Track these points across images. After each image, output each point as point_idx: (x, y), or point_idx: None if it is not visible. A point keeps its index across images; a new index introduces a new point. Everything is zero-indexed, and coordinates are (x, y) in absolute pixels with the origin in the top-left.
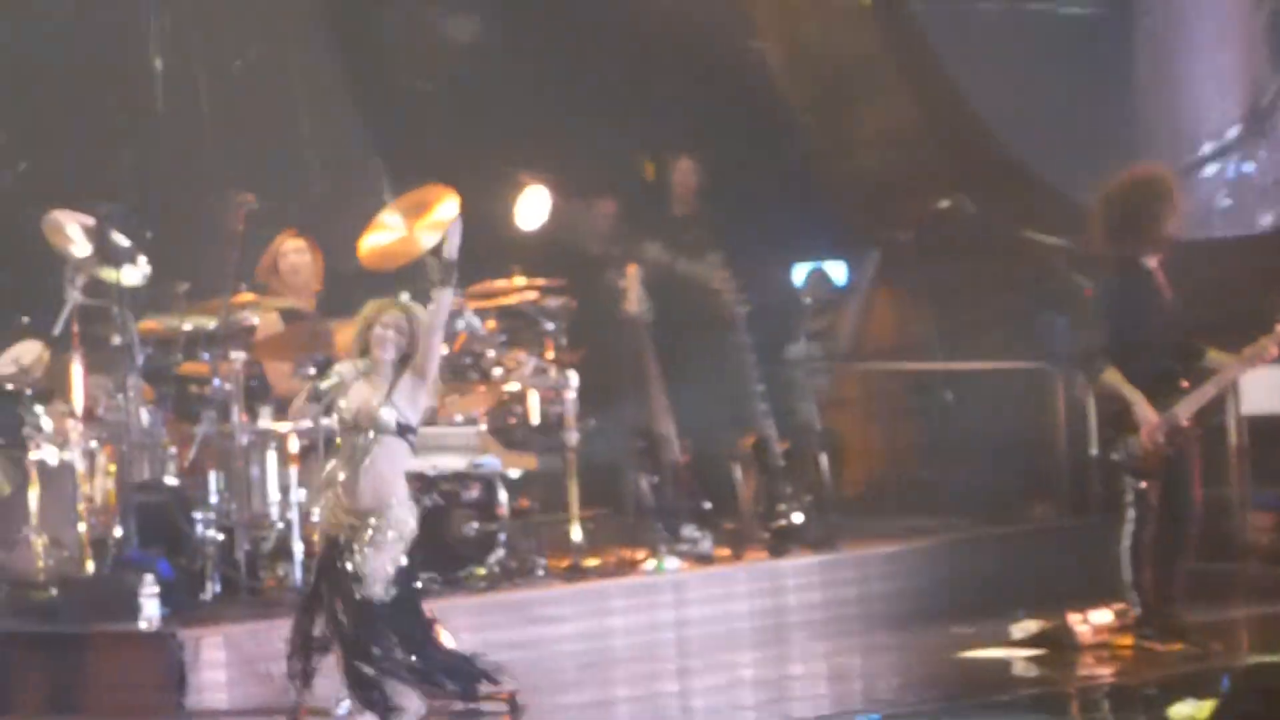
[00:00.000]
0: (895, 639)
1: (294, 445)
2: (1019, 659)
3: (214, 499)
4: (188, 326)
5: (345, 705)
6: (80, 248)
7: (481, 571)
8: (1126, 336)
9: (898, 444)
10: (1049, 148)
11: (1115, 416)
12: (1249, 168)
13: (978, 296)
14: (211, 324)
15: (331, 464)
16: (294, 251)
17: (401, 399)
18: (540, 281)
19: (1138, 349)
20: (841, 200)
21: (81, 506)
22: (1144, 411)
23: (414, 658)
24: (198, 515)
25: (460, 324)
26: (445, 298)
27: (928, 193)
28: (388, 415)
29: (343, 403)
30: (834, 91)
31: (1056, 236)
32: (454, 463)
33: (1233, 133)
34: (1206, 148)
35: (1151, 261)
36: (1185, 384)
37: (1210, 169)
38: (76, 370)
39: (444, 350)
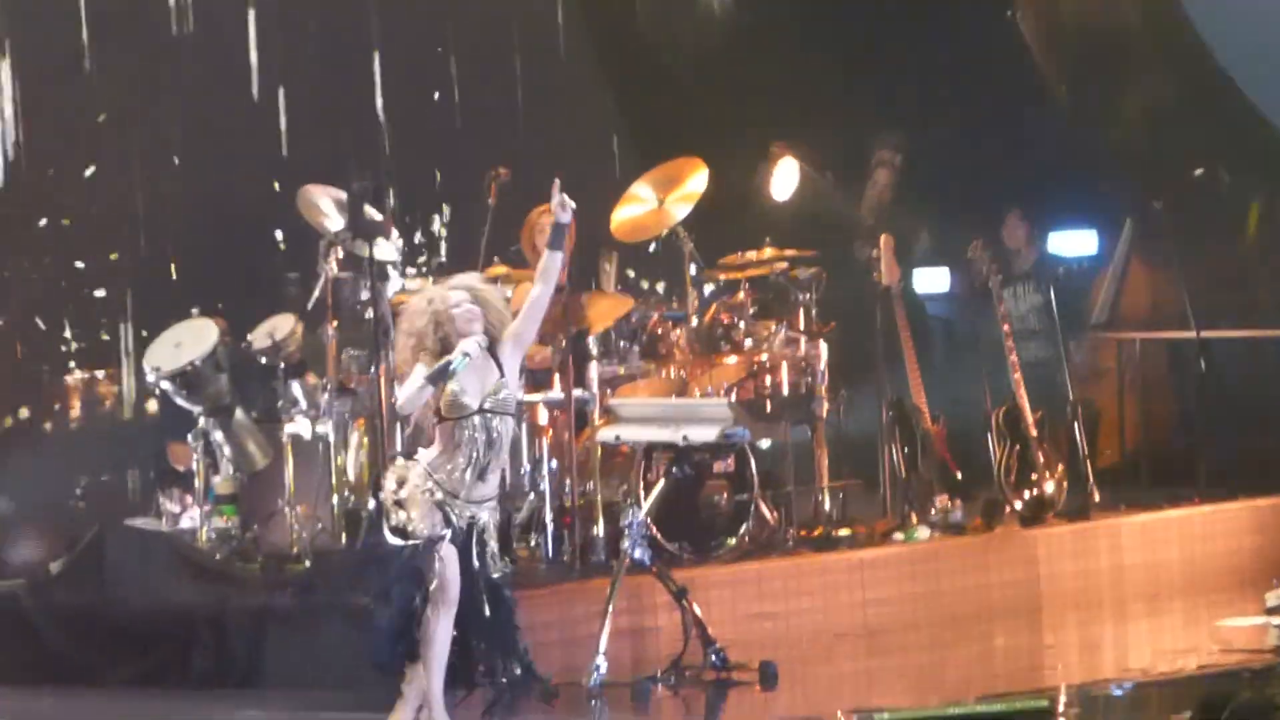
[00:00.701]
0: (1149, 607)
1: (543, 417)
2: (1274, 626)
3: None
4: None
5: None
6: (333, 221)
7: (732, 542)
8: None
9: (1153, 414)
10: None
11: None
12: None
13: (1233, 264)
14: None
15: (435, 450)
16: (544, 228)
17: (512, 378)
18: (791, 252)
19: None
20: (1097, 170)
21: (335, 480)
22: None
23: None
24: None
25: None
26: (555, 261)
27: (1184, 163)
28: (514, 396)
29: (459, 385)
30: (1089, 63)
31: None
32: (705, 434)
33: None
34: None
35: None
36: None
37: None
38: (330, 344)
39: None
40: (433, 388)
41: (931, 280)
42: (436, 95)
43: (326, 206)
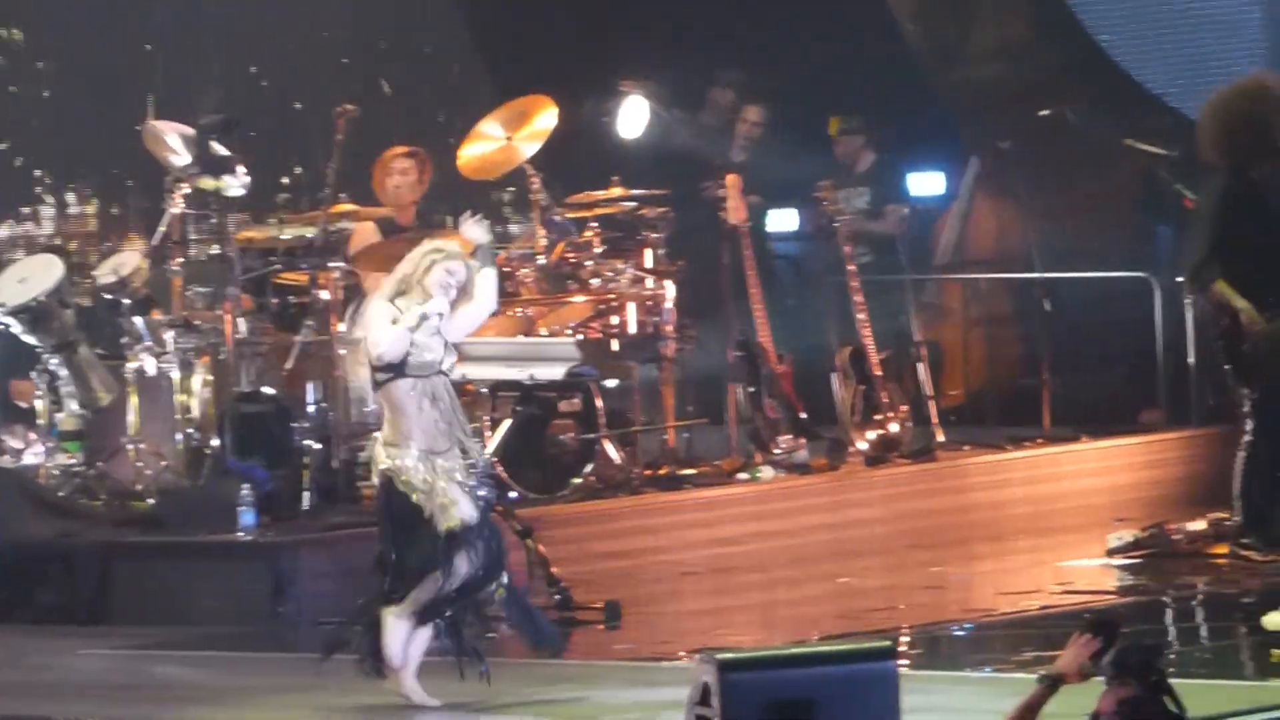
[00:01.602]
0: (992, 548)
1: None
2: (1115, 567)
3: (312, 409)
4: (286, 236)
5: None
6: (180, 157)
7: (578, 481)
8: (1232, 247)
9: (998, 354)
10: (1155, 58)
11: (1226, 327)
12: None
13: (1079, 206)
14: (310, 234)
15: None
16: (399, 172)
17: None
18: (639, 191)
19: (1245, 260)
20: (944, 110)
21: (179, 417)
22: (1250, 320)
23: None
24: (295, 425)
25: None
26: (490, 278)
27: (1031, 102)
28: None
29: (427, 338)
30: (940, 2)
31: (1160, 146)
32: (551, 372)
33: None
34: None
35: (1258, 172)
36: None
37: None
38: (175, 280)
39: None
40: (411, 337)
41: (779, 220)
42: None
43: (173, 142)
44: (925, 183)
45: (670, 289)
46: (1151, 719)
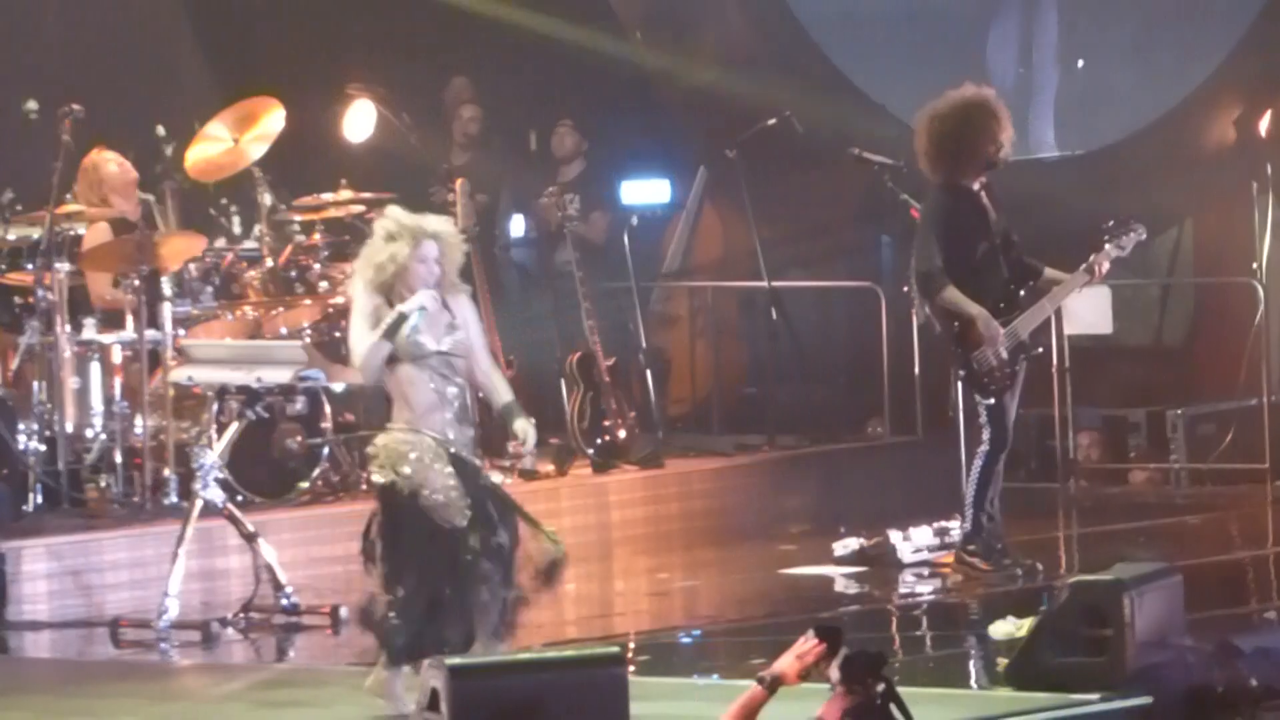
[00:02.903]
0: (718, 555)
1: (117, 356)
2: (840, 576)
3: (37, 410)
4: (12, 236)
5: None
6: None
7: (305, 485)
8: (958, 257)
9: (724, 361)
10: (879, 68)
11: (959, 335)
12: (1074, 85)
13: (805, 215)
14: (36, 234)
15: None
16: (106, 163)
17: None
18: (368, 195)
19: (971, 270)
20: (671, 118)
21: None
22: (987, 327)
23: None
24: (20, 426)
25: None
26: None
27: (758, 112)
28: (467, 339)
29: (424, 334)
30: (665, 10)
31: (885, 156)
32: (278, 375)
33: (1054, 50)
34: (1034, 66)
35: (976, 183)
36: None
37: (1038, 87)
38: None
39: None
40: (390, 345)
41: (507, 225)
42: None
43: None
44: (650, 190)
45: None
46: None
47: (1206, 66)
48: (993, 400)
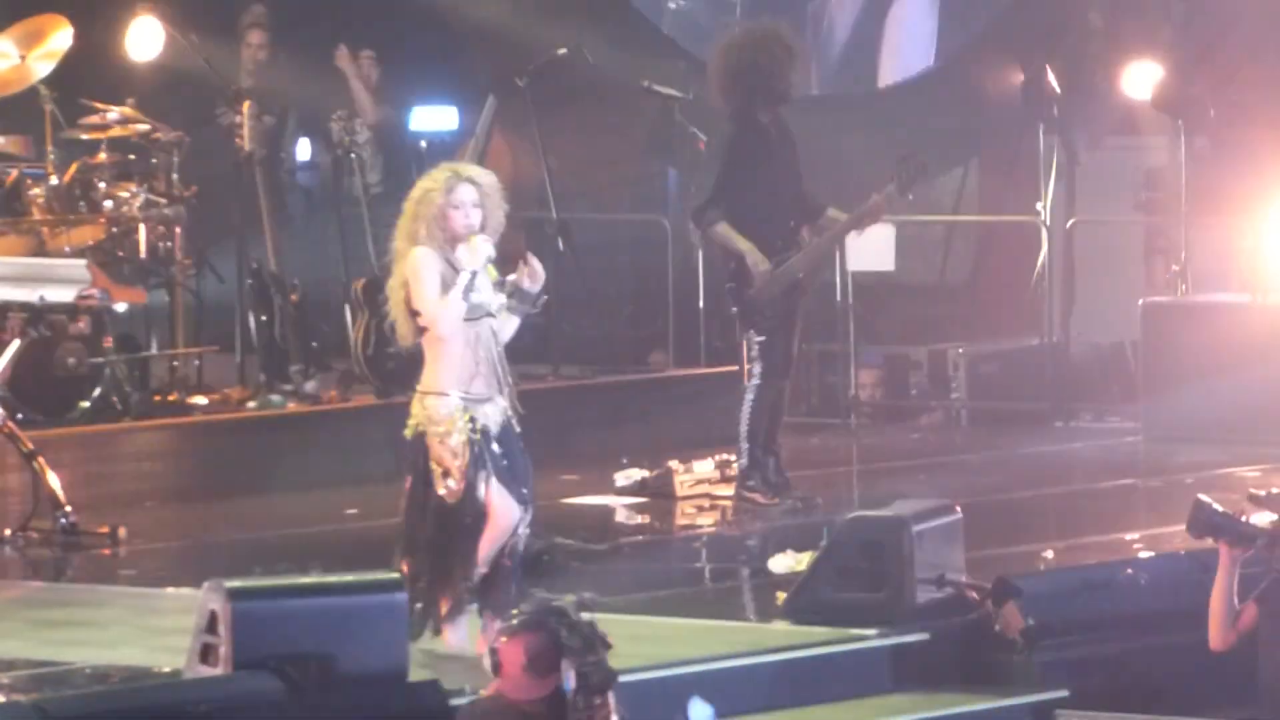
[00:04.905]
0: None
1: None
2: (622, 506)
3: None
4: None
5: None
6: None
7: (86, 405)
8: (741, 190)
9: None
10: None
11: (734, 270)
12: (869, 26)
13: (594, 146)
14: None
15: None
16: None
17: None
18: (153, 114)
19: (751, 203)
20: (461, 46)
21: None
22: (758, 264)
23: None
24: None
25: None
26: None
27: (549, 41)
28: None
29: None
30: None
31: (675, 88)
32: (61, 294)
33: None
34: (826, 3)
35: (767, 116)
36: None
37: (832, 26)
38: None
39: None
40: (467, 304)
41: (295, 147)
42: None
43: None
44: (438, 117)
45: (183, 214)
46: (553, 667)
47: (995, 8)
48: (764, 336)
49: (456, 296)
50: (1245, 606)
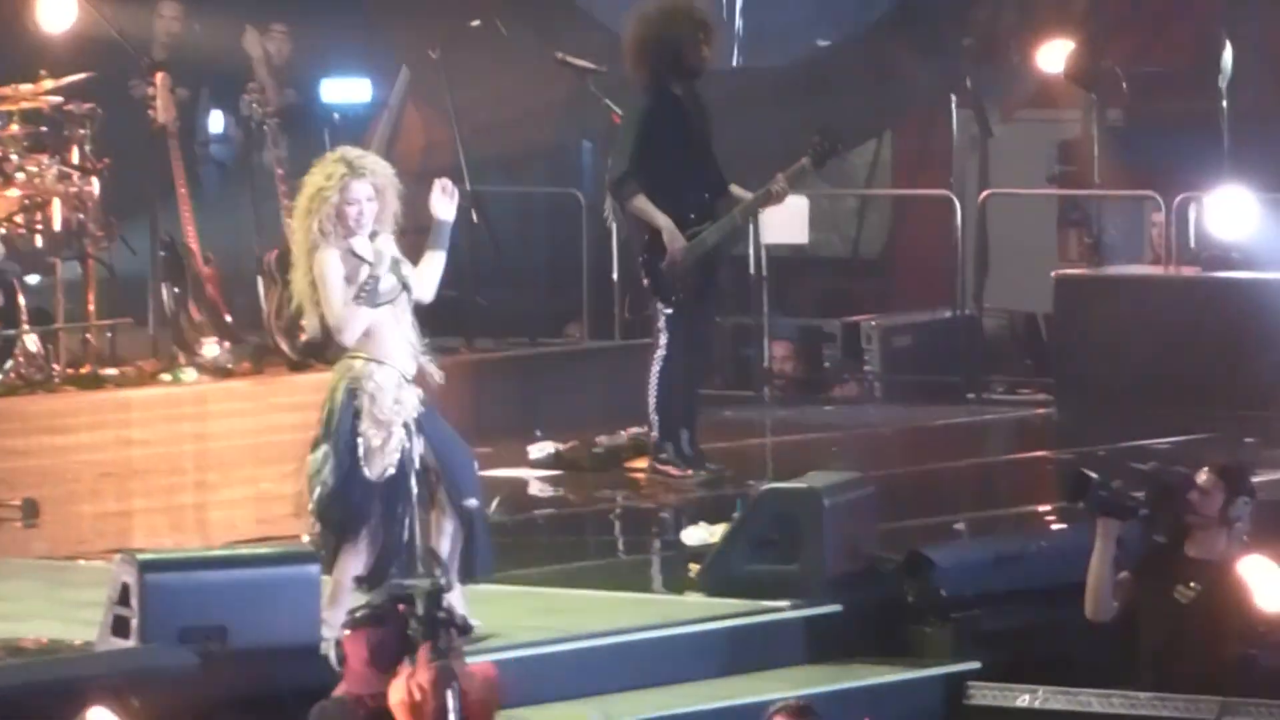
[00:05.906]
0: None
1: None
2: (535, 479)
3: None
4: None
5: None
6: None
7: None
8: (654, 163)
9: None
10: None
11: (648, 243)
12: None
13: (508, 119)
14: None
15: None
16: None
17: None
18: (66, 85)
19: (666, 176)
20: (373, 17)
21: None
22: (671, 237)
23: None
24: None
25: None
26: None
27: (462, 12)
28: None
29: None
30: None
31: (589, 61)
32: None
33: None
34: None
35: (681, 89)
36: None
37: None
38: None
39: None
40: (370, 310)
41: (208, 120)
42: None
43: None
44: (350, 89)
45: (96, 186)
46: (397, 661)
47: None
48: (671, 310)
49: (352, 306)
50: (1122, 577)
